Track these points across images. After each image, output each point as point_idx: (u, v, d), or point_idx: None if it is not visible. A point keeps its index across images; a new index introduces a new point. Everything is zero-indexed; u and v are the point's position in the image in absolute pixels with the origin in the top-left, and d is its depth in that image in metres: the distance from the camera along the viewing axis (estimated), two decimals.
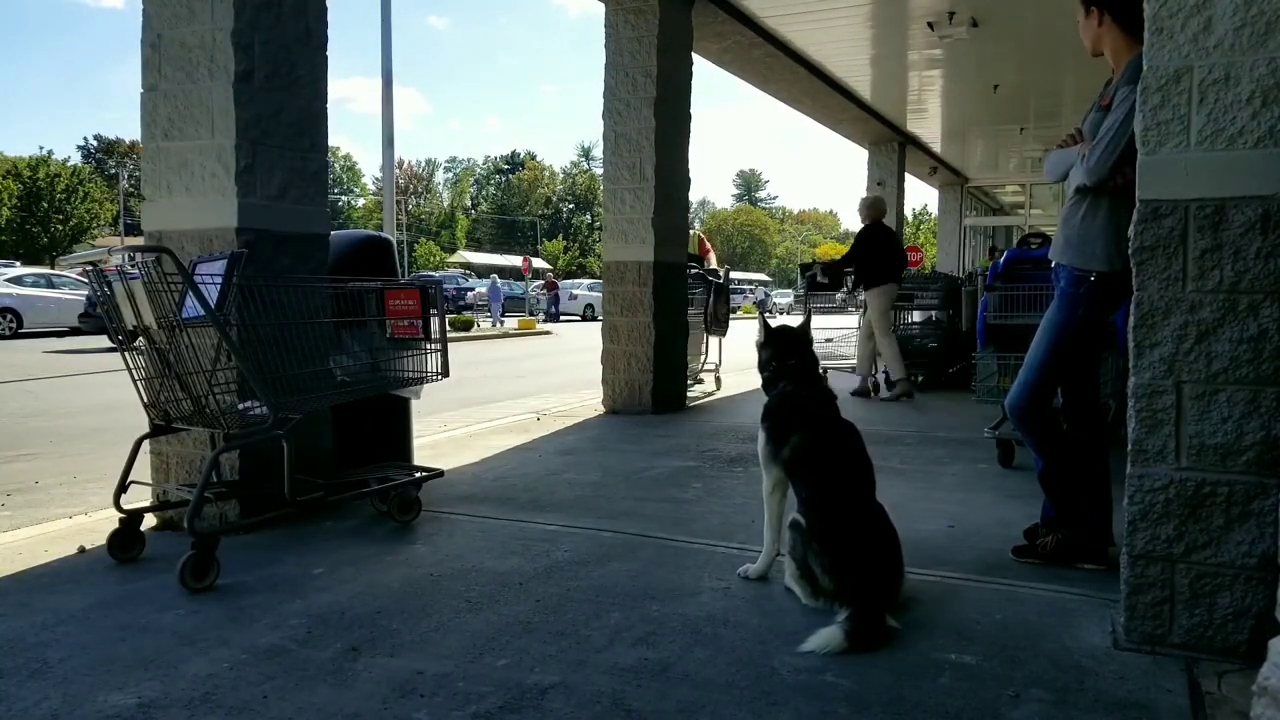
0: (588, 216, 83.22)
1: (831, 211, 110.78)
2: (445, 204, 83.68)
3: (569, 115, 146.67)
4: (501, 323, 25.84)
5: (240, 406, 3.17)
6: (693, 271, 7.97)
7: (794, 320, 3.19)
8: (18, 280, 19.24)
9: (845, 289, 8.09)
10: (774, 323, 3.05)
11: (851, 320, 8.97)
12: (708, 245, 10.53)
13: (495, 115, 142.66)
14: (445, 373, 3.61)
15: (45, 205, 44.94)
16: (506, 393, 9.25)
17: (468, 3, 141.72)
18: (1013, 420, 3.13)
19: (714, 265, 9.51)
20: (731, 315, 8.85)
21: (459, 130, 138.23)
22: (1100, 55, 2.94)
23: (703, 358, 8.60)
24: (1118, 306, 2.86)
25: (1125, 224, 2.38)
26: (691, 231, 8.41)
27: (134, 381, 3.14)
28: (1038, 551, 3.10)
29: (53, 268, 33.03)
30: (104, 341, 14.21)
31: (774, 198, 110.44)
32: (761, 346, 2.97)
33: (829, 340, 9.35)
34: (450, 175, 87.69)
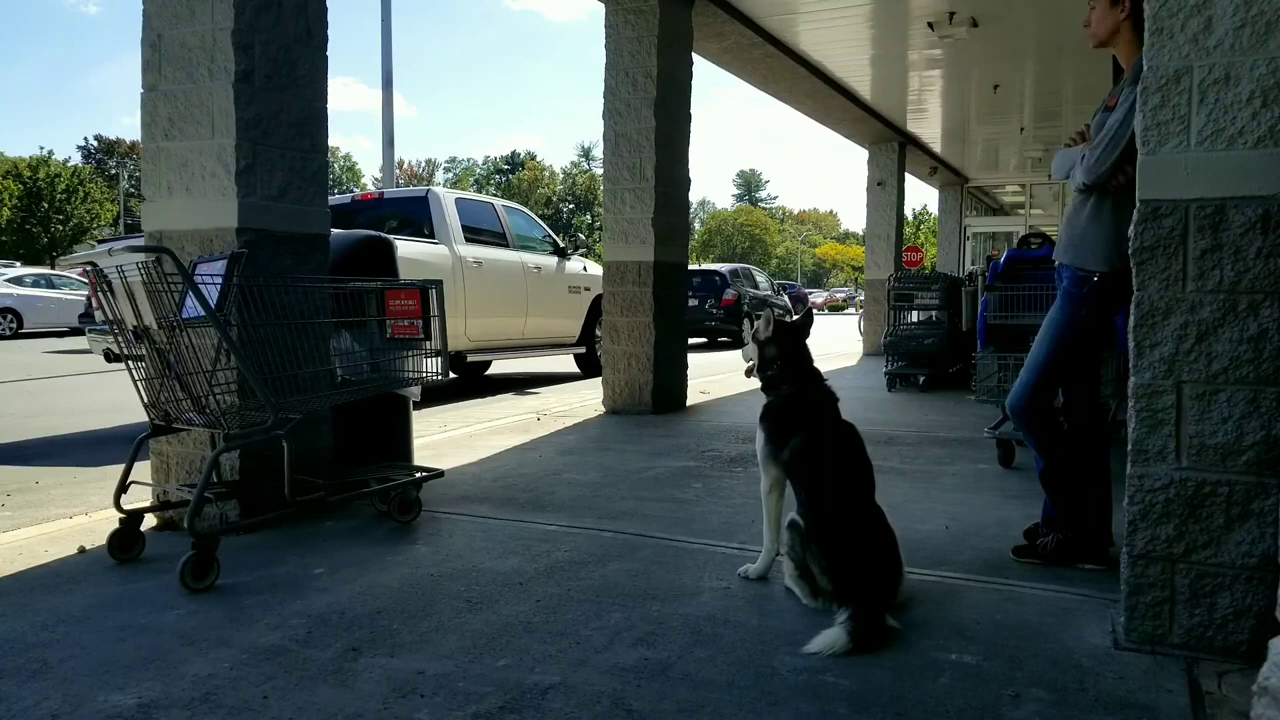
0: (588, 216, 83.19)
1: (831, 211, 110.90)
2: None
3: (552, 119, 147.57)
4: None
5: None
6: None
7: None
8: (18, 280, 19.25)
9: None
10: (778, 319, 2.92)
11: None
12: None
13: (480, 118, 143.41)
14: (445, 373, 3.61)
15: (45, 205, 44.95)
16: (506, 393, 9.25)
17: (437, 9, 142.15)
18: (1013, 419, 3.13)
19: None
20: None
21: (446, 132, 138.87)
22: (1104, 46, 2.92)
23: None
24: (1121, 307, 2.85)
25: (1129, 224, 2.38)
26: None
27: (134, 382, 3.14)
28: (1038, 551, 3.09)
29: (53, 268, 33.01)
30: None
31: (774, 198, 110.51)
32: (765, 343, 2.84)
33: None
34: (450, 175, 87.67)
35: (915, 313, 9.30)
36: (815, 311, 3.65)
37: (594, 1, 7.06)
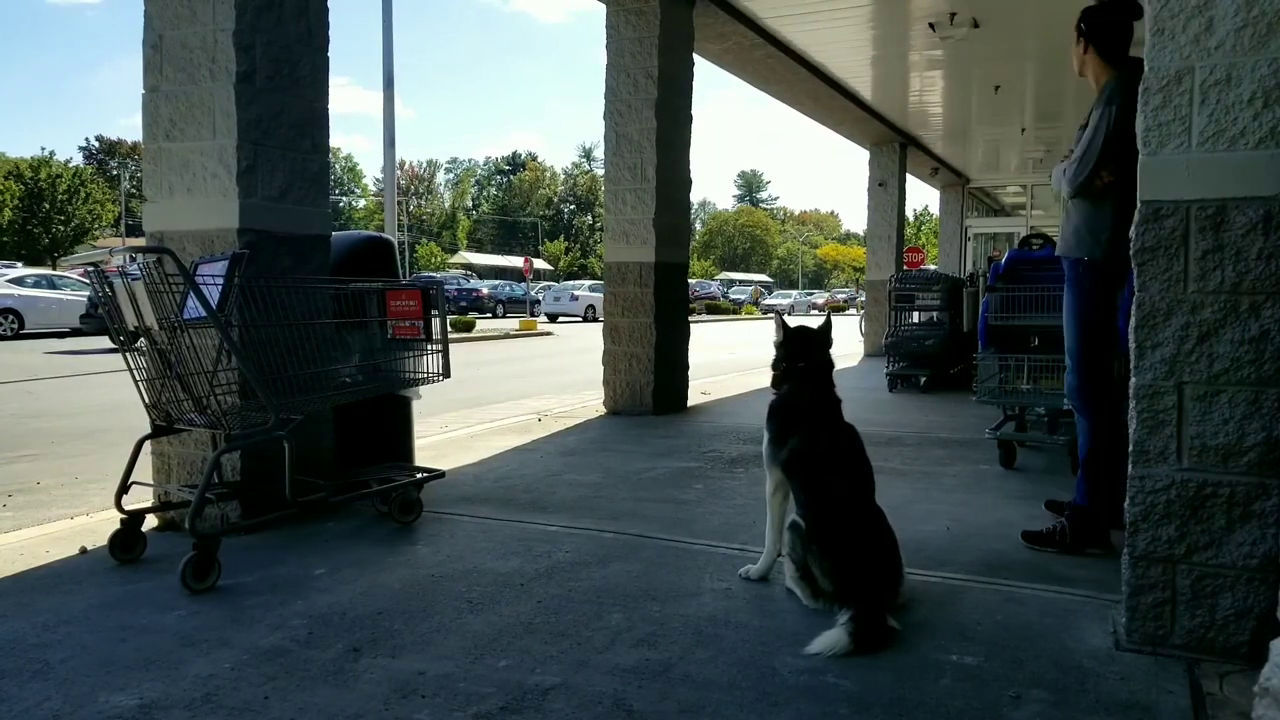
0: (589, 217, 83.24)
1: (833, 212, 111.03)
2: (446, 205, 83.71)
3: (551, 119, 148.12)
4: None
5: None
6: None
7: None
8: (19, 281, 19.25)
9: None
10: (792, 322, 2.98)
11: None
12: None
13: (479, 118, 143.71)
14: (446, 373, 3.62)
15: (47, 206, 44.95)
16: (507, 393, 9.25)
17: (431, 11, 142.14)
18: (1073, 405, 3.35)
19: None
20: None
21: (445, 132, 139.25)
22: (1085, 76, 3.31)
23: None
24: (1112, 287, 3.16)
25: (1110, 219, 3.02)
26: None
27: (135, 382, 3.14)
28: (1054, 539, 3.23)
29: (54, 269, 33.05)
30: (105, 342, 14.21)
31: (775, 198, 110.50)
32: (777, 346, 2.92)
33: None
34: (451, 176, 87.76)
35: (916, 313, 9.29)
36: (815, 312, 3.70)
37: (586, 4, 7.11)
